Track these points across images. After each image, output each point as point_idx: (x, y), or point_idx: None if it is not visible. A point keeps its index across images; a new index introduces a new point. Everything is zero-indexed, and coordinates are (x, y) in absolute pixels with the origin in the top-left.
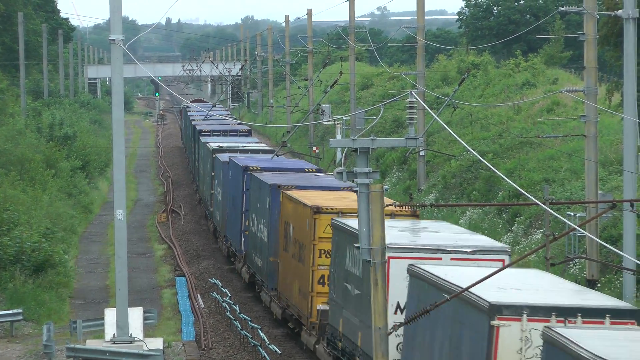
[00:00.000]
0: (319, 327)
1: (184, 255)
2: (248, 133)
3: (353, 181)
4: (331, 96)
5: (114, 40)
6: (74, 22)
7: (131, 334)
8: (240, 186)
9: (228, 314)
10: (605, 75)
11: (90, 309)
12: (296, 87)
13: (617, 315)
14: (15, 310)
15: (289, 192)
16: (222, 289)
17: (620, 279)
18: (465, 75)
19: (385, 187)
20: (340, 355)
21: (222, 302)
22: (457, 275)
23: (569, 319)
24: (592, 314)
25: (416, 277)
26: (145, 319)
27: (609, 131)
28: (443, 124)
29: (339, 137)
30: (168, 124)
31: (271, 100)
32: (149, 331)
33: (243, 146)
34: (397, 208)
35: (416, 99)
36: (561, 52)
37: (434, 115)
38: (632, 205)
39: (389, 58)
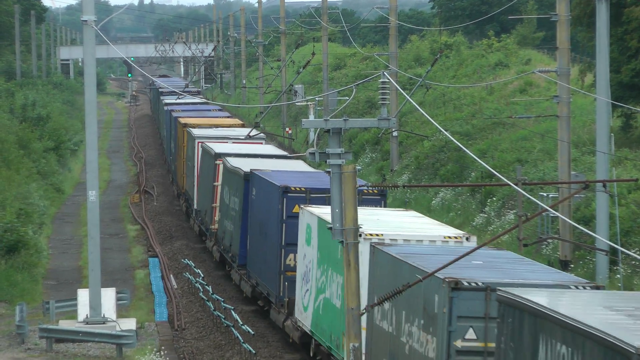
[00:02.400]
0: (184, 196)
1: (157, 235)
2: (197, 93)
3: (325, 162)
4: (304, 77)
5: (86, 21)
6: (46, 2)
7: (104, 315)
8: (169, 124)
9: (201, 294)
10: (577, 56)
11: (63, 290)
12: (269, 67)
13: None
14: None
15: (180, 119)
16: (195, 269)
17: (594, 259)
18: (438, 56)
19: (358, 167)
20: (187, 209)
21: (195, 282)
22: (224, 147)
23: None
24: (269, 157)
25: (204, 149)
26: (118, 299)
27: (582, 112)
28: (415, 105)
29: (311, 117)
30: (141, 105)
31: (244, 81)
32: (121, 312)
33: (185, 102)
34: (235, 123)
35: (389, 79)
36: (534, 33)
37: (406, 96)
38: (604, 186)
39: (362, 39)
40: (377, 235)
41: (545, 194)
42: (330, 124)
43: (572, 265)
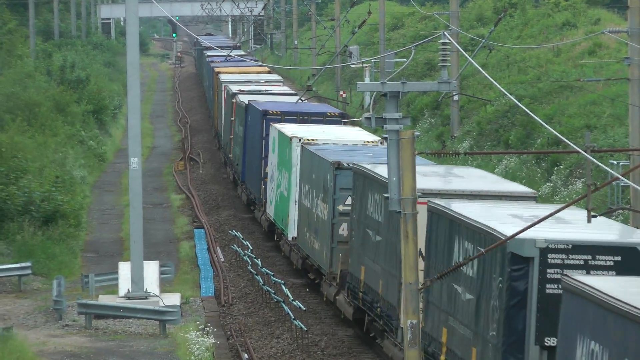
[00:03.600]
0: (217, 135)
1: (203, 205)
2: (238, 47)
3: (382, 127)
4: (359, 37)
5: None
6: None
7: (146, 289)
8: (210, 75)
9: (249, 268)
10: None
11: (103, 263)
12: (322, 27)
13: None
14: (23, 264)
15: (216, 69)
16: (244, 241)
17: None
18: (502, 15)
19: (417, 133)
20: (218, 145)
21: (243, 255)
22: (241, 87)
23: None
24: (276, 94)
25: (227, 91)
26: (161, 273)
27: None
28: (478, 67)
29: (367, 80)
30: (186, 67)
31: (295, 42)
32: (165, 286)
33: (227, 54)
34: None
35: (449, 40)
36: None
37: (468, 57)
38: None
39: None
40: (312, 140)
41: (615, 162)
42: (387, 87)
43: None
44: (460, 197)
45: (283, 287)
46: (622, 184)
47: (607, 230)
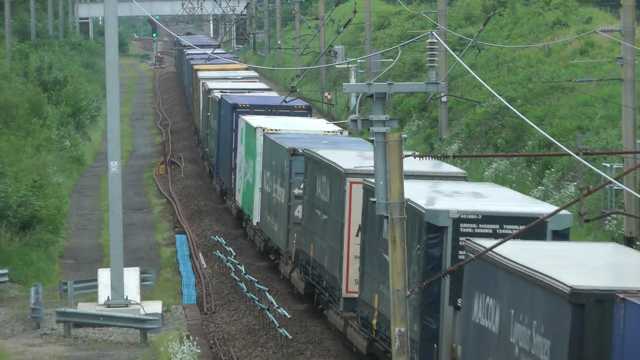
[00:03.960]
0: (196, 130)
1: (185, 210)
2: (218, 46)
3: (368, 130)
4: (344, 37)
5: None
6: None
7: (127, 297)
8: (189, 73)
9: (233, 274)
10: None
11: (82, 270)
12: (306, 27)
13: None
14: (0, 271)
15: (195, 66)
16: (227, 247)
17: None
18: (491, 14)
19: (404, 135)
20: (198, 141)
21: (227, 261)
22: (217, 84)
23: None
24: (251, 90)
25: (204, 87)
26: (142, 280)
27: None
28: (467, 67)
29: (353, 81)
30: (166, 67)
31: (279, 42)
32: (146, 293)
33: (210, 53)
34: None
35: (437, 40)
36: None
37: (456, 57)
38: None
39: None
40: (275, 129)
41: (608, 165)
42: (373, 88)
43: (638, 242)
44: None
45: (267, 294)
46: (616, 187)
47: (515, 203)
